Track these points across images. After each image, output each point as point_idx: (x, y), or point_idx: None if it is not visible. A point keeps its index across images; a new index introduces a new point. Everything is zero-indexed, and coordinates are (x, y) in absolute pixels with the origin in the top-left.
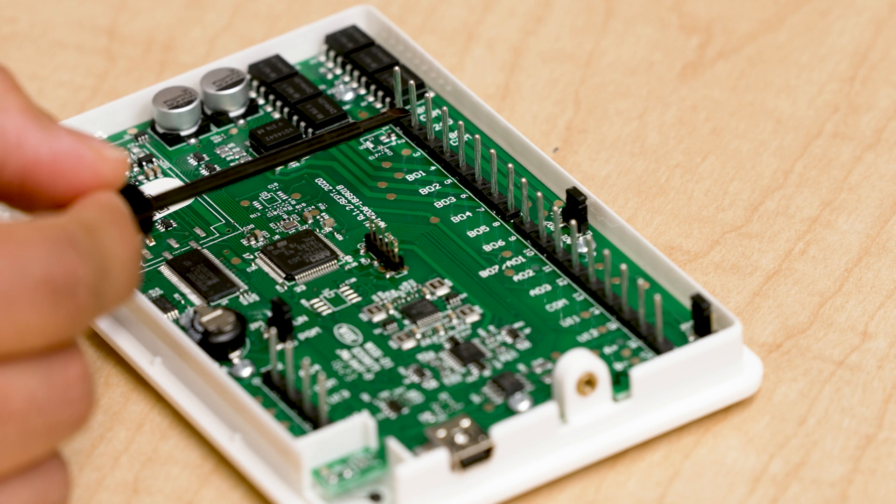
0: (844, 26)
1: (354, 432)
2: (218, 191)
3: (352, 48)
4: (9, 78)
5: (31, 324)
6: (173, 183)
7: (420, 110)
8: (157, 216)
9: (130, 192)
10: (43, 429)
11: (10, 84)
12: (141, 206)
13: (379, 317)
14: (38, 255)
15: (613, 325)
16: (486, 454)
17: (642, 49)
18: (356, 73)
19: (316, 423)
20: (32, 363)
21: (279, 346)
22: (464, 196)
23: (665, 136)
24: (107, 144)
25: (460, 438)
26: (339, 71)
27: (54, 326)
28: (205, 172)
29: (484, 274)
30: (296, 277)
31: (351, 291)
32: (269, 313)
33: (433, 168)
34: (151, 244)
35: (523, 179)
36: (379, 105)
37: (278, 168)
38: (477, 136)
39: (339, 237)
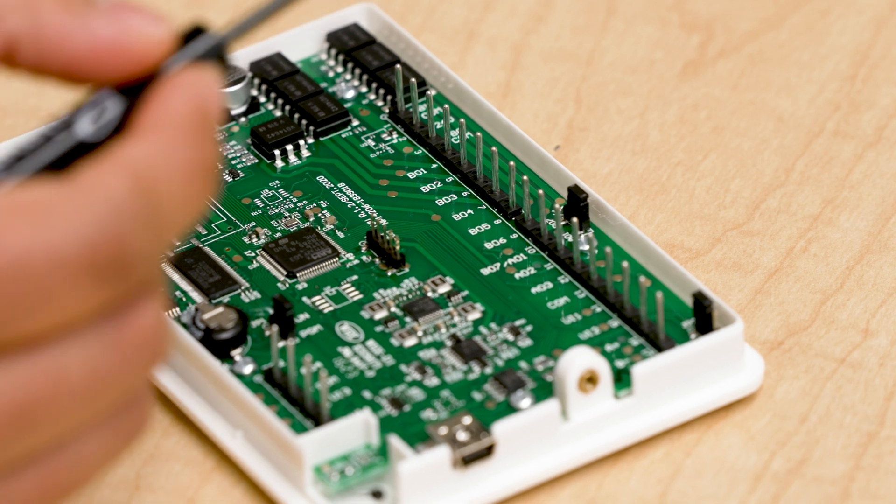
0: (845, 25)
1: (356, 429)
2: (219, 188)
3: (353, 46)
4: None
5: (74, 305)
6: None
7: (421, 108)
8: None
9: (195, 36)
10: (111, 397)
11: None
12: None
13: (380, 314)
14: (75, 237)
15: (615, 322)
16: (487, 451)
17: (643, 48)
18: (357, 71)
19: (317, 421)
20: (88, 329)
21: (281, 344)
22: (465, 194)
23: (666, 135)
24: (147, 18)
25: (462, 435)
26: (340, 69)
27: (102, 298)
28: None
29: (485, 271)
30: (297, 275)
31: (352, 289)
32: (271, 311)
33: (434, 166)
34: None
35: (525, 177)
36: (380, 103)
37: (280, 165)
38: (478, 133)
39: (341, 235)
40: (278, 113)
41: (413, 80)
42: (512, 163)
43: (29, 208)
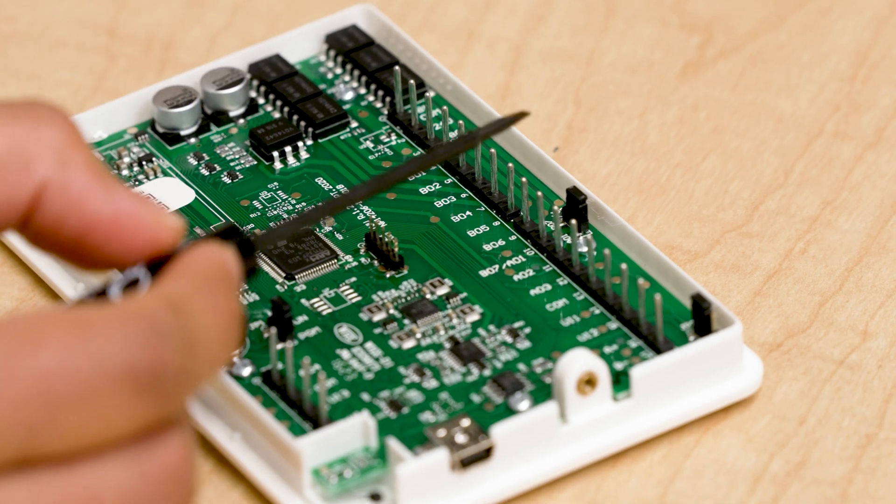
0: (845, 25)
1: (354, 432)
2: (218, 190)
3: (352, 47)
4: (76, 132)
5: (114, 416)
6: (174, 183)
7: (420, 110)
8: None
9: (230, 235)
10: None
11: (77, 138)
12: (244, 251)
13: (379, 316)
14: (119, 347)
15: (614, 324)
16: (486, 454)
17: (643, 48)
18: (356, 73)
19: (316, 423)
20: (122, 453)
21: (279, 346)
22: (464, 195)
23: (666, 136)
24: (165, 211)
25: (460, 438)
26: (339, 70)
27: (140, 415)
28: (205, 172)
29: (484, 273)
30: (296, 277)
31: (351, 291)
32: (269, 313)
33: (433, 167)
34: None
35: (523, 179)
36: (379, 105)
37: (278, 167)
38: None
39: (339, 236)
40: (277, 115)
41: (412, 81)
42: (511, 164)
43: (75, 320)
